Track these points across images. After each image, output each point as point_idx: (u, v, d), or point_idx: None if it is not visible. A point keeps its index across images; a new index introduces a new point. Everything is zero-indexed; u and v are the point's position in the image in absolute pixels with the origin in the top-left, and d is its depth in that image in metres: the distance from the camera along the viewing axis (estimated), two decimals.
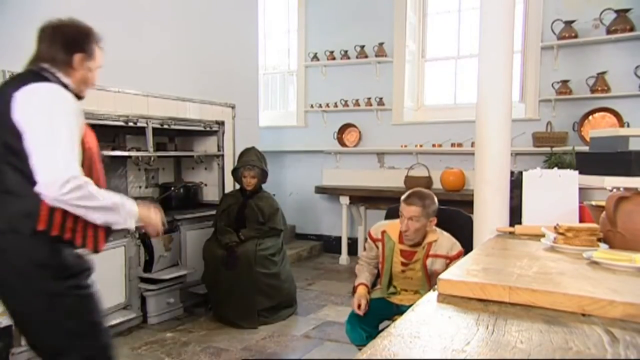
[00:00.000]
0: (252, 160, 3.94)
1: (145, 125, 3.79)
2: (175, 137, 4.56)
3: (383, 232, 2.62)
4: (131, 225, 1.91)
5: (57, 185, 1.55)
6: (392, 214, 2.83)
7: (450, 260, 2.46)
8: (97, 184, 1.74)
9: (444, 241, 2.52)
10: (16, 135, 1.60)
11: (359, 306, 2.55)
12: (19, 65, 2.98)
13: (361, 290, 2.62)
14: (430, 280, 2.52)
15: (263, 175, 4.02)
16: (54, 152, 1.59)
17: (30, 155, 1.59)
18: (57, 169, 1.57)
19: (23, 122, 1.61)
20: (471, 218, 2.38)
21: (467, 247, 2.30)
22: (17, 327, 1.97)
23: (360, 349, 2.58)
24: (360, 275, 2.72)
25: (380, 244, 2.64)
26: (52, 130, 1.61)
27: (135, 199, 3.89)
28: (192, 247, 4.11)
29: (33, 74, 1.78)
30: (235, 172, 4.07)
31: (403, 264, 2.56)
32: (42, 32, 2.00)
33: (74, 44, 1.98)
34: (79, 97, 1.89)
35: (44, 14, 3.21)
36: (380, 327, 2.58)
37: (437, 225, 2.56)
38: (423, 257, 2.51)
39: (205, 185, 4.72)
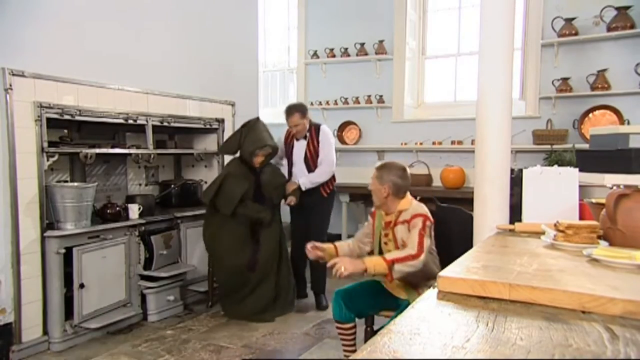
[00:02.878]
0: (268, 139, 3.83)
1: (145, 122, 3.78)
2: (175, 134, 4.56)
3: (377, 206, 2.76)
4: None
5: None
6: None
7: (408, 223, 2.56)
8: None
9: (411, 209, 2.62)
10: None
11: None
12: (19, 64, 3.01)
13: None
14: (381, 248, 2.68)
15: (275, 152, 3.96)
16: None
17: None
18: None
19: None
20: (471, 216, 2.38)
21: (468, 244, 2.30)
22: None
23: (340, 324, 2.66)
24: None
25: (373, 217, 2.78)
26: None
27: (135, 196, 3.93)
28: (192, 244, 4.12)
29: None
30: (244, 151, 3.83)
31: (385, 234, 2.66)
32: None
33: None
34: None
35: (44, 13, 3.22)
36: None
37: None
38: (393, 224, 2.63)
39: (205, 182, 4.72)
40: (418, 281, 2.59)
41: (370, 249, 2.78)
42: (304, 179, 3.99)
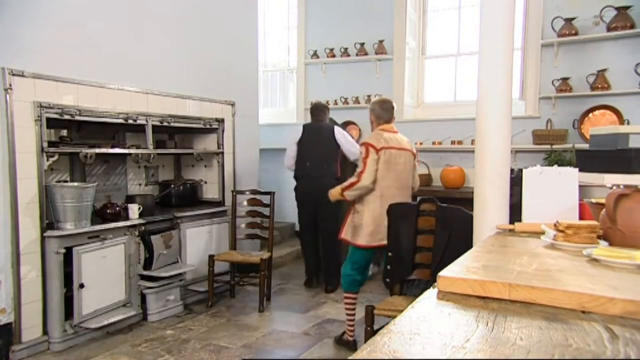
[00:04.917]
0: None
1: (145, 122, 3.78)
2: (175, 134, 4.56)
3: None
4: None
5: None
6: (394, 211, 2.84)
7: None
8: None
9: (368, 136, 3.38)
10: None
11: None
12: (19, 64, 3.01)
13: None
14: None
15: None
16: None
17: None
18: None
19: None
20: (471, 216, 2.38)
21: (468, 244, 2.30)
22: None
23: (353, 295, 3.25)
24: None
25: None
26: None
27: (135, 196, 3.93)
28: (192, 244, 4.11)
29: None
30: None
31: None
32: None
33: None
34: None
35: (44, 13, 3.22)
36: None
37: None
38: None
39: (205, 182, 4.72)
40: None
41: None
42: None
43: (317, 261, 4.72)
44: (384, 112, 3.40)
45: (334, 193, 3.35)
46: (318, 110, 4.74)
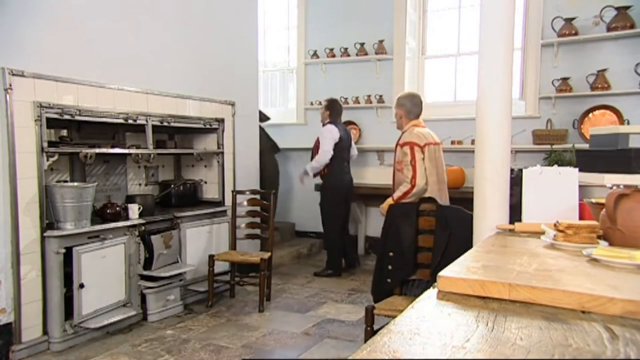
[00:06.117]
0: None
1: (144, 122, 3.78)
2: (175, 134, 4.56)
3: None
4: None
5: None
6: (394, 211, 2.84)
7: (401, 147, 3.35)
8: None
9: (406, 133, 3.38)
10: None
11: None
12: (19, 64, 3.00)
13: None
14: (394, 173, 3.50)
15: None
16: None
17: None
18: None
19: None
20: (471, 216, 2.38)
21: (468, 244, 2.30)
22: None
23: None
24: None
25: None
26: None
27: (135, 196, 3.93)
28: (192, 244, 4.11)
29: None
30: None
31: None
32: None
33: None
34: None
35: (44, 13, 3.22)
36: None
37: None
38: (396, 144, 3.46)
39: (205, 182, 4.72)
40: None
41: None
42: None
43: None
44: (414, 106, 3.43)
45: (386, 207, 3.28)
46: (341, 110, 5.08)
